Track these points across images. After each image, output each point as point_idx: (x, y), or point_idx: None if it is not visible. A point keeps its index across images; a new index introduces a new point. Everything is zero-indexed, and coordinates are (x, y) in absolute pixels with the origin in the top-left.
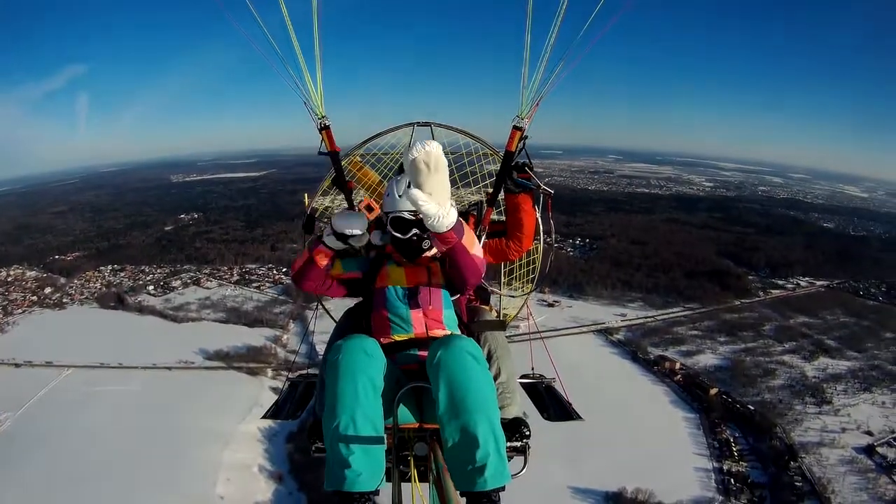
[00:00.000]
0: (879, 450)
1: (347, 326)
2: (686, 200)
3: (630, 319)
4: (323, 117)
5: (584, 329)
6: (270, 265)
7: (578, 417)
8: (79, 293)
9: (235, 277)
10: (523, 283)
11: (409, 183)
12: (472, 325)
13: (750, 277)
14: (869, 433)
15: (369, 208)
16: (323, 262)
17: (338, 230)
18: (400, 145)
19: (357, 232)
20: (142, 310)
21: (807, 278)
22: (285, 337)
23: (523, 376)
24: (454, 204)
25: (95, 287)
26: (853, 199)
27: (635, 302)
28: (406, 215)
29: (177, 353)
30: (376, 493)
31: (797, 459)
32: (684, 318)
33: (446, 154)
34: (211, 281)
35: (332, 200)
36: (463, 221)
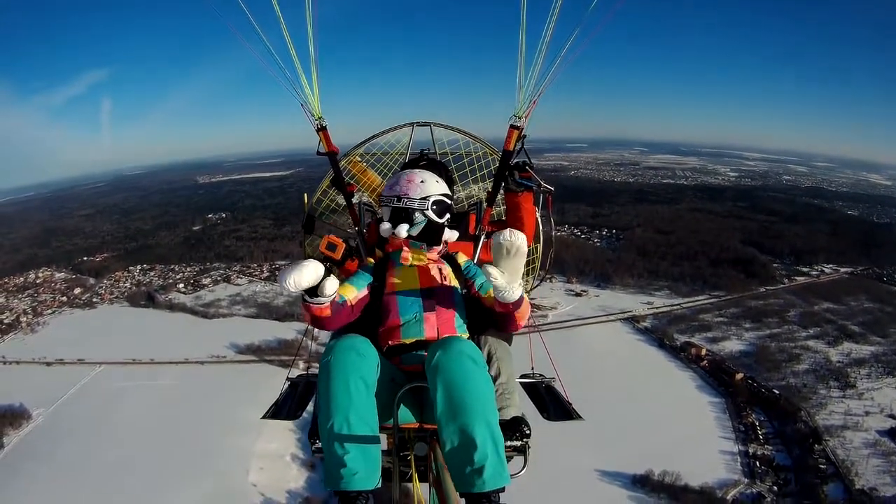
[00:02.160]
0: None
1: (348, 328)
2: (711, 190)
3: (656, 307)
4: (320, 118)
5: (612, 317)
6: None
7: (578, 417)
8: (108, 293)
9: (266, 274)
10: (523, 281)
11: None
12: (483, 328)
13: (775, 265)
14: (892, 416)
15: (332, 246)
16: (326, 313)
17: (286, 288)
18: (400, 145)
19: (305, 284)
20: (172, 307)
21: (831, 265)
22: (317, 330)
23: (523, 376)
24: (523, 285)
25: (125, 286)
26: (877, 186)
27: (662, 290)
28: (445, 199)
29: (208, 347)
30: (374, 491)
31: (821, 442)
32: (710, 305)
33: (445, 154)
34: (241, 278)
35: (332, 199)
36: (525, 298)
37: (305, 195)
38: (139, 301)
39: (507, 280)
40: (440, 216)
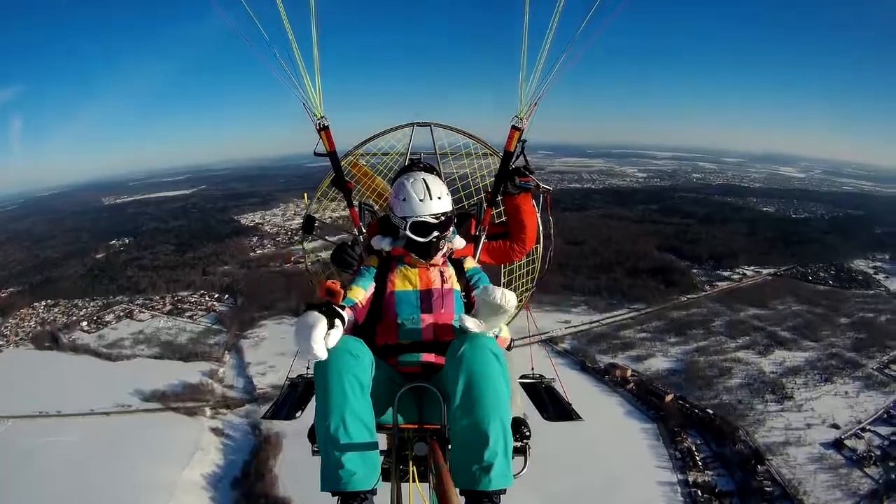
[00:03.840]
0: (848, 443)
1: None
2: (620, 194)
3: (574, 326)
4: (322, 118)
5: (527, 340)
6: (203, 291)
7: (578, 417)
8: (14, 334)
9: (168, 307)
10: (523, 282)
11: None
12: None
13: (694, 271)
14: (835, 426)
15: (330, 293)
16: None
17: (304, 355)
18: (400, 145)
19: (324, 353)
20: (76, 349)
21: (752, 267)
22: (221, 370)
23: (523, 376)
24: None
25: (30, 326)
26: (790, 180)
27: (578, 307)
28: (429, 219)
29: (114, 395)
30: (373, 492)
31: (764, 462)
32: (631, 319)
33: (445, 154)
34: (144, 312)
35: (330, 208)
36: (503, 333)
37: (306, 195)
38: (43, 343)
39: (482, 329)
40: (422, 235)
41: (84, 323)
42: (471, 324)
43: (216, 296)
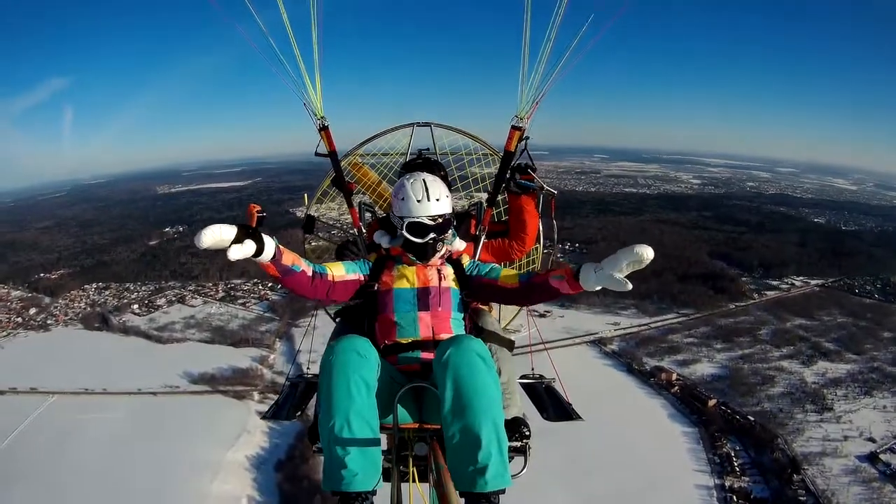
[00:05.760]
0: (882, 457)
1: (347, 328)
2: (674, 200)
3: (623, 328)
4: (322, 118)
5: (578, 340)
6: (256, 280)
7: (578, 417)
8: (63, 313)
9: (220, 294)
10: None
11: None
12: (482, 334)
13: (743, 279)
14: (871, 440)
15: (250, 216)
16: (271, 271)
17: (199, 246)
18: (400, 146)
19: (205, 245)
20: (126, 330)
21: (801, 277)
22: (272, 357)
23: (523, 377)
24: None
25: (80, 307)
26: (843, 191)
27: (628, 309)
28: (426, 220)
29: (162, 376)
30: (374, 492)
31: (800, 472)
32: (679, 324)
33: (445, 154)
34: (196, 298)
35: (328, 207)
36: None
37: (306, 195)
38: (93, 323)
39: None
40: (419, 236)
41: (135, 306)
42: (628, 282)
43: (269, 284)
